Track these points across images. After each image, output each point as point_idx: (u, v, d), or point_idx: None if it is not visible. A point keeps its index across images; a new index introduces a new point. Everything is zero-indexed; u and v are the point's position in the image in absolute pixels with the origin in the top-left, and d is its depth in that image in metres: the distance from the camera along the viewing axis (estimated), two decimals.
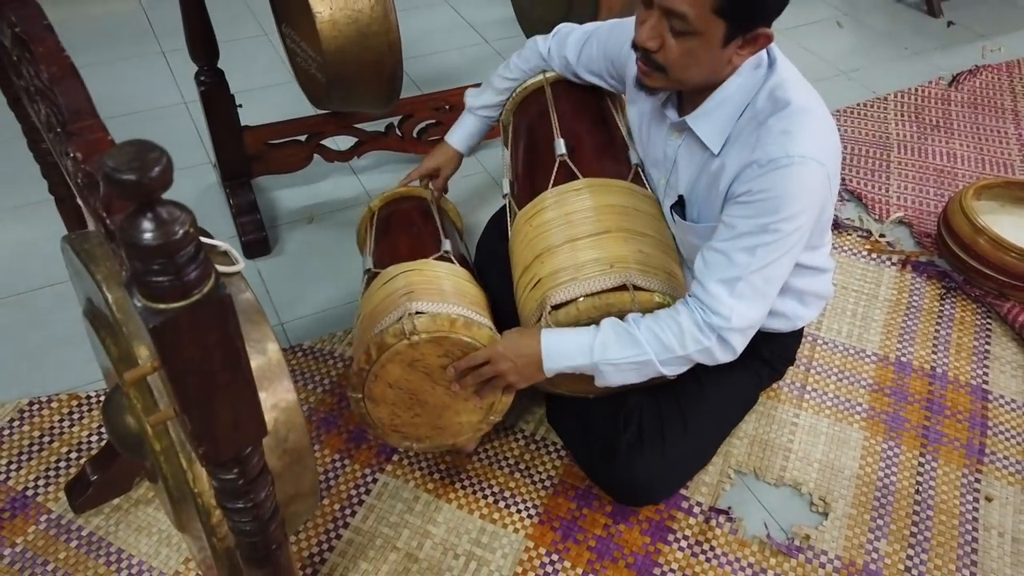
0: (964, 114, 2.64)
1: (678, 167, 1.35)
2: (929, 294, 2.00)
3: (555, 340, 1.27)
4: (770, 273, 1.21)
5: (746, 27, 1.12)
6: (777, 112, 1.18)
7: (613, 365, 1.25)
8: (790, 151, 1.15)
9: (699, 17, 1.10)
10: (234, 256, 0.96)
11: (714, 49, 1.15)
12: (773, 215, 1.16)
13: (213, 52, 1.81)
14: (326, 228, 2.12)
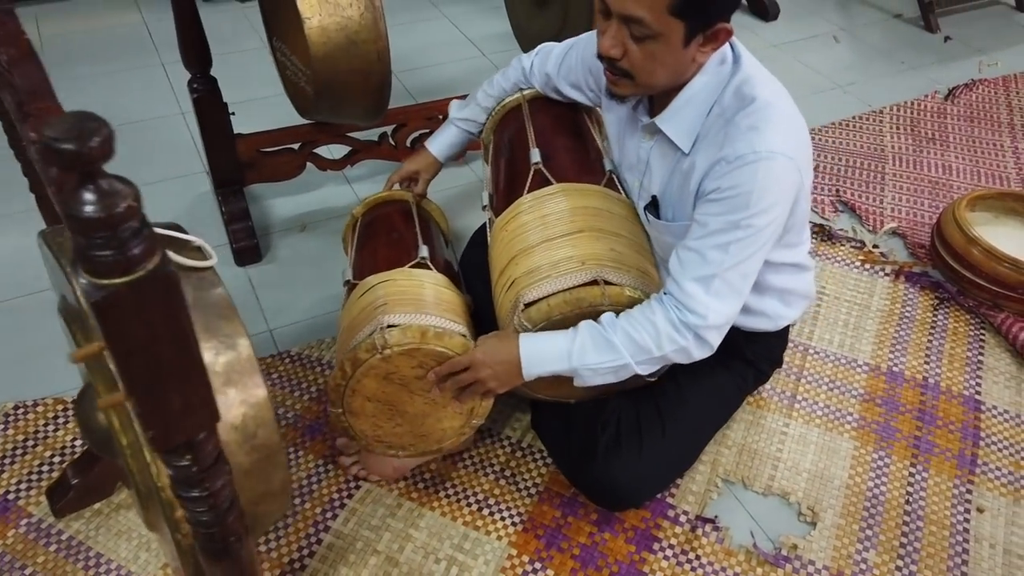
0: (960, 127, 2.64)
1: (651, 168, 1.35)
2: (922, 305, 1.99)
3: (533, 345, 1.27)
4: (745, 269, 1.21)
5: (704, 24, 1.13)
6: (743, 108, 1.19)
7: (591, 369, 1.25)
8: (757, 147, 1.15)
9: (657, 20, 1.11)
10: (207, 251, 0.96)
11: (676, 50, 1.15)
12: (744, 211, 1.16)
13: (206, 60, 1.82)
14: (318, 236, 2.12)
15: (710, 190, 1.19)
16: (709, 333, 1.23)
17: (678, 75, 1.22)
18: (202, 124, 1.89)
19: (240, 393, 0.90)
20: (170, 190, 2.25)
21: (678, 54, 1.16)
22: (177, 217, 2.21)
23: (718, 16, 1.14)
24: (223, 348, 0.89)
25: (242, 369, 0.90)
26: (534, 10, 2.27)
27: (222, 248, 2.04)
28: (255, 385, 0.91)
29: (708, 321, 1.21)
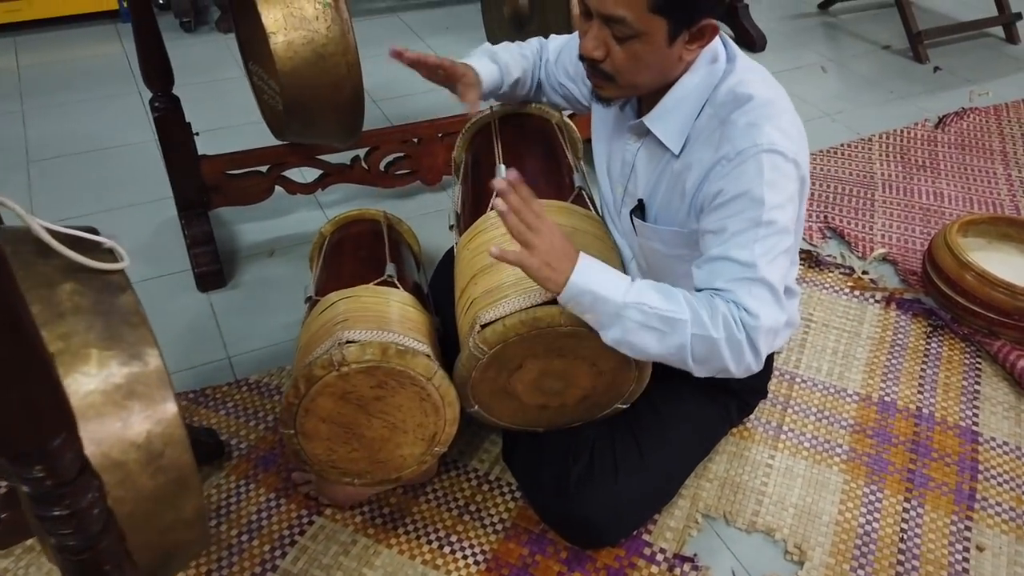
0: (951, 155, 2.58)
1: (636, 171, 1.29)
2: (915, 332, 1.90)
3: (593, 263, 1.10)
4: (777, 272, 1.10)
5: (688, 21, 1.08)
6: (740, 107, 1.13)
7: (642, 313, 1.07)
8: (758, 140, 1.09)
9: (638, 18, 1.06)
10: (120, 254, 0.89)
11: (660, 48, 1.10)
12: (760, 207, 1.09)
13: (167, 78, 1.77)
14: (286, 262, 2.05)
15: (714, 193, 1.12)
16: (760, 337, 1.08)
17: (664, 75, 1.16)
18: (164, 144, 1.83)
19: (145, 408, 0.81)
20: (137, 215, 2.18)
21: (663, 53, 1.11)
22: (142, 241, 2.18)
23: (703, 12, 1.08)
24: (127, 358, 0.81)
25: (149, 382, 0.82)
26: (513, 32, 2.23)
27: (184, 274, 1.96)
28: (164, 400, 0.82)
29: (760, 322, 1.07)
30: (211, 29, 3.24)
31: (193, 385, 1.70)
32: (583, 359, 1.24)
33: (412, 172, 2.15)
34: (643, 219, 1.28)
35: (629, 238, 1.37)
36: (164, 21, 3.19)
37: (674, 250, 1.25)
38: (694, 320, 1.07)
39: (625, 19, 1.06)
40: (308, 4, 1.59)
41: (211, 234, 1.96)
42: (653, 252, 1.28)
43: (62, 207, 2.19)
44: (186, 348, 1.79)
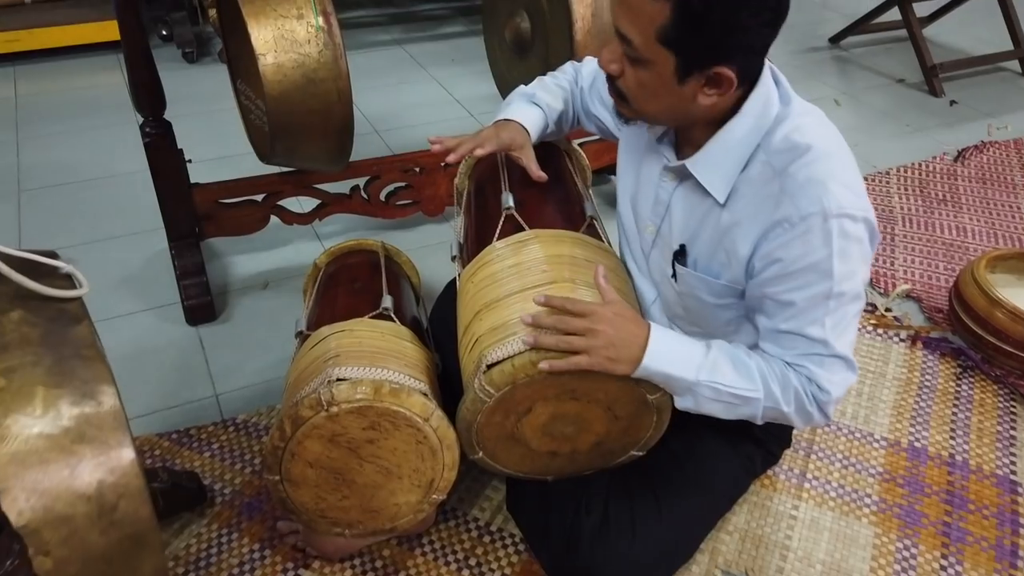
0: (972, 189, 2.49)
1: (672, 214, 1.17)
2: (943, 373, 1.79)
3: (665, 337, 1.07)
4: (849, 340, 1.08)
5: (699, 64, 0.97)
6: (798, 158, 1.01)
7: (715, 389, 1.06)
8: (826, 205, 0.98)
9: (645, 45, 0.97)
10: (78, 280, 0.79)
11: (668, 84, 0.99)
12: (828, 280, 1.01)
13: (159, 102, 1.70)
14: (281, 295, 1.96)
15: (775, 258, 1.03)
16: (830, 408, 1.10)
17: (677, 112, 1.05)
18: (154, 171, 1.75)
19: (97, 454, 0.71)
20: (128, 245, 2.10)
21: (672, 89, 1.00)
22: (131, 273, 2.09)
23: (717, 58, 0.96)
24: (78, 397, 0.71)
25: (102, 424, 0.72)
26: (514, 59, 2.16)
27: (173, 307, 1.87)
28: (119, 444, 0.72)
29: (832, 396, 1.08)
30: (213, 60, 3.20)
31: (177, 424, 1.60)
32: (598, 403, 1.14)
33: (413, 202, 2.07)
34: (684, 265, 1.18)
35: (660, 281, 1.25)
36: (167, 51, 3.17)
37: (721, 300, 1.15)
38: (767, 395, 1.07)
39: (633, 42, 0.98)
40: (300, 26, 1.52)
41: (202, 265, 1.87)
42: (696, 300, 1.17)
43: (51, 237, 2.11)
44: (172, 385, 1.69)
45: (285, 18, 1.51)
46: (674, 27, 0.93)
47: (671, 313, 1.26)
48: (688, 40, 0.94)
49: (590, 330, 1.03)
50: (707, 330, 1.19)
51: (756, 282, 1.07)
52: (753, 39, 0.96)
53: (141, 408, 1.62)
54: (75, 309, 0.77)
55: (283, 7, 1.52)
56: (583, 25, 1.80)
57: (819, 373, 1.07)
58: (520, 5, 2.04)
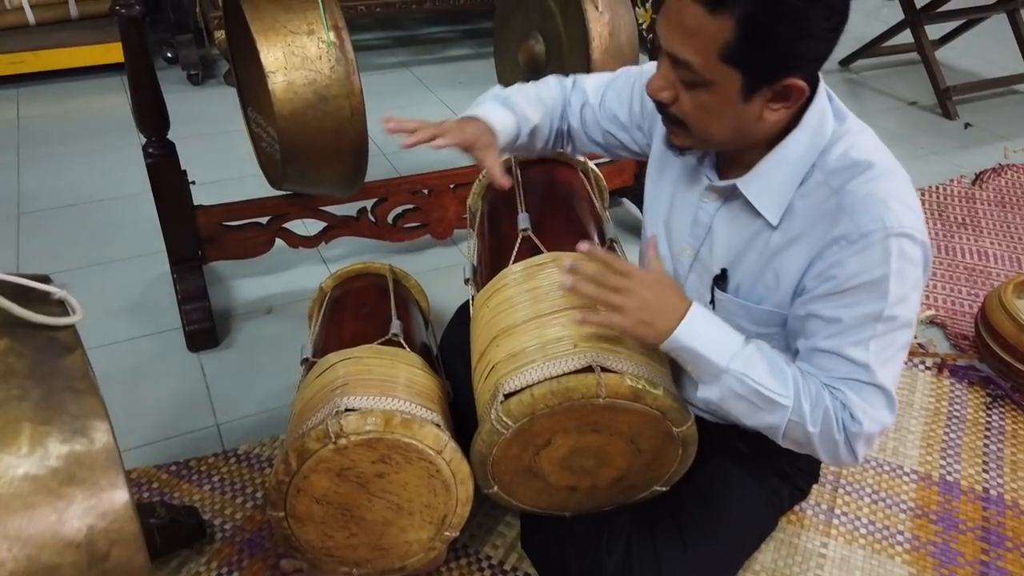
0: (992, 212, 2.44)
1: (714, 236, 1.10)
2: (972, 403, 1.72)
3: (704, 316, 1.01)
4: (893, 371, 1.00)
5: (768, 78, 0.91)
6: (858, 175, 0.96)
7: (742, 384, 0.99)
8: (887, 222, 0.93)
9: (706, 66, 0.90)
10: (72, 306, 0.73)
11: (732, 103, 0.93)
12: (882, 301, 0.95)
13: (162, 122, 1.65)
14: (285, 320, 1.90)
15: (827, 276, 0.97)
16: (859, 443, 1.01)
17: (742, 133, 0.98)
18: (157, 192, 1.70)
19: (88, 497, 0.65)
20: (128, 269, 2.05)
21: (736, 109, 0.94)
22: (131, 297, 2.03)
23: (786, 70, 0.90)
24: (68, 434, 0.65)
25: (94, 464, 0.66)
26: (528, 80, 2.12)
27: (174, 332, 1.82)
28: (112, 486, 0.67)
29: (864, 429, 1.00)
30: (219, 82, 3.17)
31: (177, 455, 1.53)
32: (620, 435, 1.08)
33: (422, 225, 2.02)
34: (723, 290, 1.11)
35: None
36: (172, 74, 3.15)
37: (763, 328, 1.09)
38: (795, 407, 1.00)
39: (692, 64, 0.90)
40: (311, 42, 1.48)
41: (204, 289, 1.81)
42: (736, 328, 1.11)
43: (50, 260, 2.06)
44: (171, 414, 1.63)
45: (295, 34, 1.47)
46: (739, 43, 0.87)
47: None
48: (755, 55, 0.88)
49: (628, 290, 0.99)
50: None
51: (803, 300, 1.02)
52: (821, 46, 0.90)
53: (139, 439, 1.56)
54: (67, 338, 0.71)
55: (293, 23, 1.48)
56: (600, 44, 1.76)
57: (854, 400, 1.00)
58: (534, 27, 2.00)
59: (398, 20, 3.85)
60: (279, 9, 1.50)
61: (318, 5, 1.50)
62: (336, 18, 1.51)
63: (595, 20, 1.76)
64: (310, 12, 1.51)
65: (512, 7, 2.09)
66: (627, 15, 1.80)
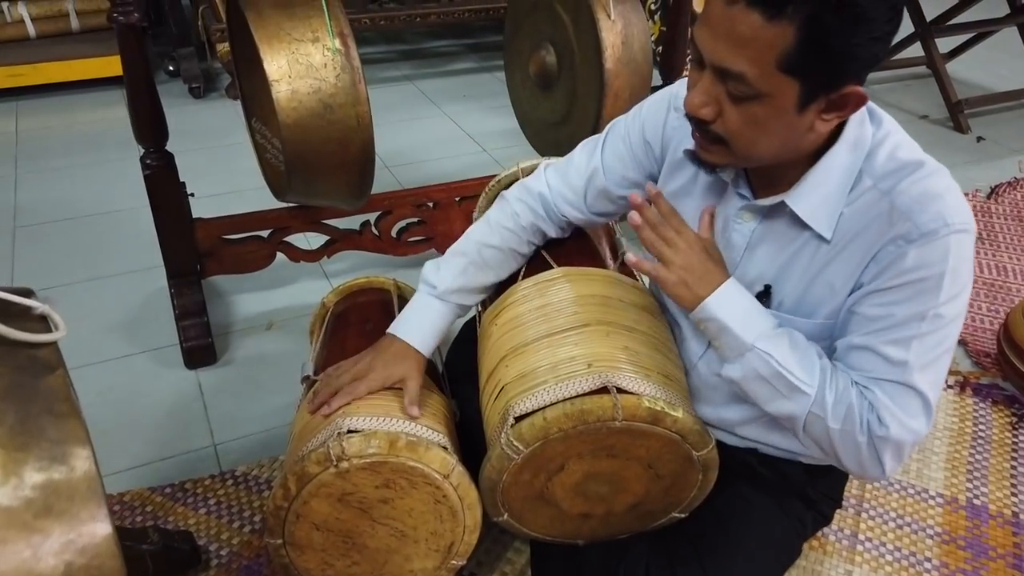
0: (1008, 227, 2.39)
1: (754, 255, 1.04)
2: (997, 422, 1.66)
3: (738, 291, 0.99)
4: (935, 375, 0.94)
5: (828, 85, 0.84)
6: (910, 175, 0.91)
7: (766, 364, 0.95)
8: (949, 219, 0.88)
9: (761, 77, 0.82)
10: (54, 321, 0.68)
11: (786, 115, 0.86)
12: (933, 299, 0.90)
13: (160, 132, 1.61)
14: (286, 336, 1.85)
15: (881, 274, 0.92)
16: (886, 449, 0.94)
17: (788, 146, 0.92)
18: (154, 205, 1.65)
19: (67, 530, 0.59)
20: (125, 284, 2.00)
21: (789, 120, 0.87)
22: (127, 312, 1.98)
23: (850, 75, 0.84)
24: (46, 461, 0.60)
25: (73, 493, 0.60)
26: (539, 94, 2.08)
27: (171, 349, 1.76)
28: (93, 518, 0.61)
29: (891, 434, 0.93)
30: (220, 95, 3.14)
31: (172, 477, 1.47)
32: (637, 460, 1.02)
33: (427, 239, 1.98)
34: (767, 307, 1.04)
35: None
36: (174, 87, 3.12)
37: (817, 343, 1.02)
38: (817, 398, 0.95)
39: (745, 76, 0.83)
40: (316, 50, 1.44)
41: (203, 305, 1.76)
42: None
43: (44, 274, 2.02)
44: (166, 434, 1.57)
45: (300, 42, 1.43)
46: (800, 50, 0.79)
47: None
48: (816, 62, 0.81)
49: (676, 246, 0.99)
50: None
51: (851, 298, 0.96)
52: (880, 48, 0.84)
53: (132, 460, 1.50)
54: (48, 356, 0.65)
55: (298, 30, 1.43)
56: (613, 53, 1.72)
57: (884, 402, 0.93)
58: (545, 38, 1.96)
59: (402, 34, 3.82)
60: (283, 16, 1.46)
61: (323, 12, 1.46)
62: (341, 25, 1.47)
63: (607, 29, 1.71)
64: (315, 19, 1.46)
65: (522, 17, 2.06)
66: (640, 24, 1.76)
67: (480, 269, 1.21)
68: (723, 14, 0.81)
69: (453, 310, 1.22)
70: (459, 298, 1.21)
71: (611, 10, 1.73)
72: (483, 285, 1.23)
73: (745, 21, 0.80)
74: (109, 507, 1.37)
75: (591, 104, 1.82)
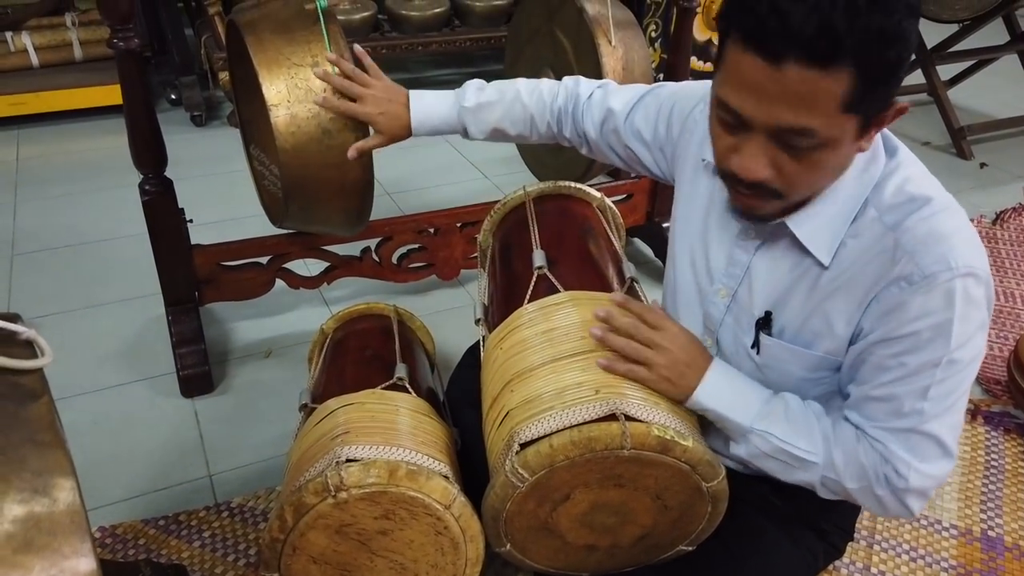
0: (1014, 252, 2.37)
1: (754, 277, 1.02)
2: (1010, 452, 1.63)
3: (725, 375, 1.00)
4: (953, 419, 0.92)
5: (884, 108, 0.83)
6: (916, 211, 0.89)
7: (768, 443, 0.97)
8: (952, 262, 0.85)
9: (828, 125, 0.79)
10: (40, 347, 0.66)
11: (847, 149, 0.85)
12: (943, 346, 0.87)
13: (160, 158, 1.60)
14: (284, 364, 1.82)
15: (885, 319, 0.90)
16: (910, 498, 0.94)
17: (835, 177, 0.91)
18: (152, 231, 1.64)
19: (48, 566, 0.57)
20: (124, 311, 1.98)
21: (848, 152, 0.86)
22: (124, 340, 1.95)
23: (898, 87, 0.82)
24: (27, 493, 0.57)
25: (55, 528, 0.57)
26: None
27: (168, 377, 1.73)
28: (76, 553, 0.58)
29: (910, 484, 0.93)
30: (222, 123, 3.14)
31: (166, 509, 1.44)
32: (645, 490, 0.98)
33: (428, 265, 1.95)
34: (768, 334, 1.03)
35: (732, 351, 1.07)
36: (175, 115, 3.12)
37: (814, 374, 1.01)
38: (826, 463, 0.96)
39: (814, 130, 0.80)
40: (316, 76, 1.42)
41: (200, 332, 1.74)
42: (781, 374, 1.02)
43: (42, 302, 1.99)
44: (161, 464, 1.54)
45: (299, 67, 1.41)
46: (860, 88, 0.77)
47: None
48: (876, 92, 0.79)
49: (658, 345, 0.99)
50: None
51: (858, 346, 0.94)
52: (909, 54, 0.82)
53: (126, 491, 1.47)
54: (33, 383, 0.63)
55: (297, 55, 1.42)
56: (614, 78, 1.71)
57: (899, 454, 0.92)
58: (545, 63, 1.96)
59: (405, 63, 3.84)
60: (283, 41, 1.45)
61: (323, 37, 1.45)
62: (342, 50, 1.46)
63: (608, 55, 1.71)
64: (314, 44, 1.45)
65: (524, 42, 2.05)
66: (641, 50, 1.75)
67: (502, 109, 1.29)
68: (771, 77, 0.77)
69: (457, 120, 1.30)
70: (469, 116, 1.29)
71: (612, 36, 1.73)
72: (491, 125, 1.30)
73: (801, 79, 0.76)
74: (101, 540, 1.34)
75: None
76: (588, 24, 1.72)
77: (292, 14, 1.47)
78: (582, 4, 1.74)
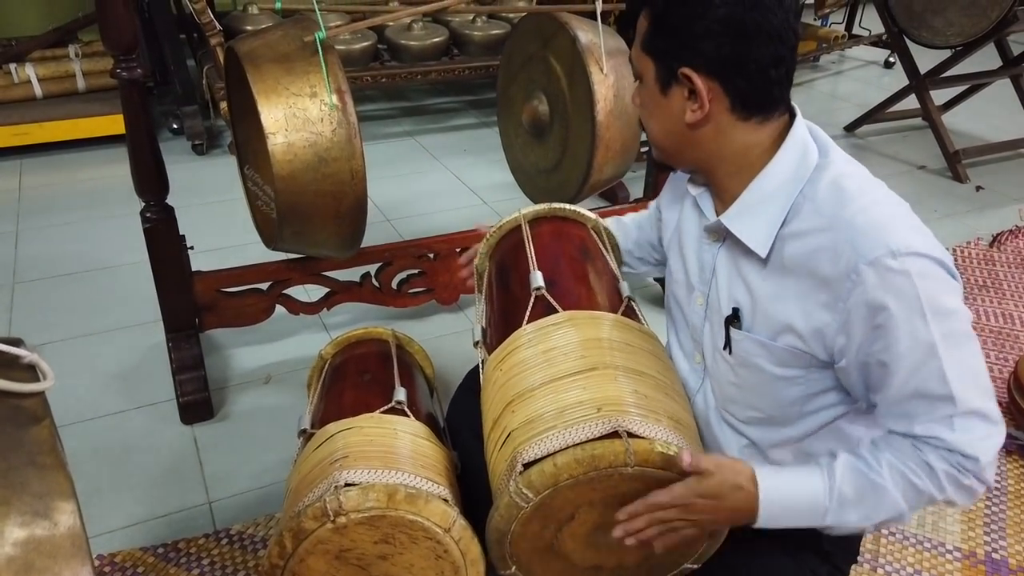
0: (1013, 274, 2.38)
1: (719, 277, 1.06)
2: (1012, 473, 1.62)
3: (778, 493, 0.96)
4: (983, 386, 0.92)
5: (669, 66, 0.95)
6: (850, 203, 0.91)
7: (846, 525, 0.96)
8: (893, 246, 0.86)
9: (636, 57, 1.01)
10: (42, 371, 0.66)
11: (655, 96, 1.00)
12: (923, 324, 0.87)
13: (161, 185, 1.61)
14: (283, 390, 1.82)
15: (853, 318, 0.90)
16: (988, 471, 0.93)
17: (671, 133, 1.02)
18: (154, 257, 1.65)
19: None
20: (124, 338, 1.98)
21: (659, 103, 1.00)
22: (125, 367, 1.95)
23: (683, 58, 0.94)
24: (29, 516, 0.57)
25: (56, 551, 0.57)
26: (531, 143, 2.10)
27: (168, 404, 1.73)
28: None
29: (984, 460, 0.91)
30: (223, 152, 3.17)
31: (165, 537, 1.43)
32: None
33: (427, 290, 1.96)
34: (738, 328, 1.04)
35: (712, 360, 1.09)
36: (177, 144, 3.15)
37: (785, 370, 1.01)
38: (911, 501, 0.94)
39: (631, 57, 1.02)
40: (313, 105, 1.45)
41: (200, 358, 1.74)
42: (754, 371, 1.03)
43: (43, 329, 2.00)
44: (161, 491, 1.53)
45: (298, 96, 1.44)
46: (651, 31, 0.96)
47: (723, 397, 1.10)
48: (661, 40, 0.96)
49: (689, 518, 0.96)
50: (768, 413, 1.05)
51: (850, 356, 0.94)
52: (719, 44, 0.91)
53: (125, 518, 1.46)
54: (34, 406, 0.63)
55: (296, 85, 1.45)
56: (605, 106, 1.73)
57: (956, 439, 0.91)
58: (538, 88, 1.98)
59: (404, 91, 3.88)
60: (282, 71, 1.47)
61: (321, 68, 1.48)
62: (340, 81, 1.48)
63: (600, 82, 1.73)
64: (313, 74, 1.48)
65: (517, 69, 2.08)
66: (631, 77, 1.77)
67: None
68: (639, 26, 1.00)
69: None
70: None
71: (604, 64, 1.75)
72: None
73: (639, 23, 0.99)
74: (100, 568, 1.33)
75: (582, 154, 1.83)
76: (581, 53, 1.75)
77: (291, 45, 1.49)
78: (575, 33, 1.77)
